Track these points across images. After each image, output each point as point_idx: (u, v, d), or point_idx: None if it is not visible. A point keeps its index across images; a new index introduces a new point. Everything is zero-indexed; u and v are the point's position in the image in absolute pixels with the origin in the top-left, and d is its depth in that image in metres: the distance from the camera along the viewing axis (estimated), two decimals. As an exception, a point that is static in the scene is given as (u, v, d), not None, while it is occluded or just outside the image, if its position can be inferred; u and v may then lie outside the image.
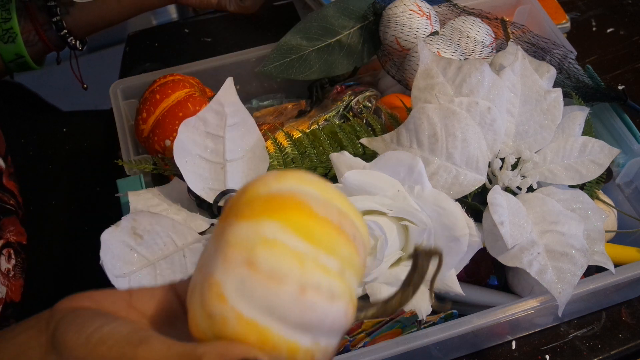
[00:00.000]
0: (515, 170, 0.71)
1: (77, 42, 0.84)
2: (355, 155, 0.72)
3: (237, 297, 0.35)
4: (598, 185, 0.77)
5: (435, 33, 0.83)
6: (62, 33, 0.81)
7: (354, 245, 0.38)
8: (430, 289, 0.42)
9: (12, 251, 0.76)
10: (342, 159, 0.69)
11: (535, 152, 0.73)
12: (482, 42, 0.82)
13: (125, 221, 0.66)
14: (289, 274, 0.35)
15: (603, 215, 0.72)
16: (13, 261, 0.77)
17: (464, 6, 0.88)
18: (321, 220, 0.37)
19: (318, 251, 0.36)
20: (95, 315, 0.37)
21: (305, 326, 0.36)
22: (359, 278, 0.39)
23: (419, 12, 0.83)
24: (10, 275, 0.76)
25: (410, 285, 0.41)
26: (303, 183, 0.38)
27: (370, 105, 0.84)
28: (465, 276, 0.73)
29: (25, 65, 0.82)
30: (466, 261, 0.67)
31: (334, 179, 0.71)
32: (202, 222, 0.70)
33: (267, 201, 0.37)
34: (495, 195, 0.67)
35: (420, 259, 0.40)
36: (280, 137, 0.78)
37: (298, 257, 0.36)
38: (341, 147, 0.76)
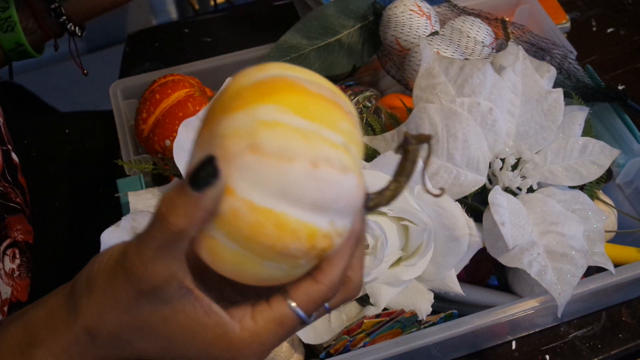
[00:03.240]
0: (515, 171, 0.71)
1: (77, 29, 0.83)
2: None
3: (247, 186, 0.34)
4: (598, 185, 0.77)
5: (435, 33, 0.83)
6: (60, 20, 0.81)
7: (352, 120, 0.37)
8: (422, 176, 0.41)
9: (17, 251, 0.76)
10: (342, 159, 0.69)
11: (536, 153, 0.73)
12: (482, 42, 0.82)
13: (125, 221, 0.66)
14: (298, 151, 0.34)
15: (603, 216, 0.72)
16: (17, 261, 0.76)
17: (464, 6, 0.88)
18: (316, 97, 0.36)
19: (320, 127, 0.35)
20: None
21: (321, 205, 0.35)
22: (362, 154, 0.38)
23: (419, 12, 0.83)
24: (15, 275, 0.76)
25: (403, 173, 0.40)
26: (286, 69, 0.37)
27: (370, 105, 0.84)
28: (465, 276, 0.73)
29: (25, 54, 0.82)
30: (466, 261, 0.67)
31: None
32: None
33: (256, 88, 0.36)
34: (496, 196, 0.67)
35: (411, 145, 0.39)
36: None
37: (303, 134, 0.34)
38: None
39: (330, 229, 0.36)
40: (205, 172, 0.34)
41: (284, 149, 0.34)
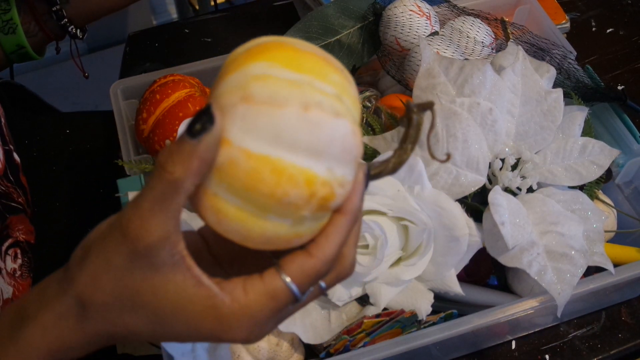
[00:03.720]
0: (515, 171, 0.71)
1: (78, 31, 0.83)
2: (355, 155, 0.72)
3: (241, 134, 0.35)
4: (598, 185, 0.77)
5: (435, 33, 0.83)
6: (62, 22, 0.81)
7: (343, 75, 0.38)
8: (427, 141, 0.41)
9: (18, 251, 0.77)
10: (342, 159, 0.69)
11: (536, 153, 0.73)
12: (482, 42, 0.82)
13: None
14: (289, 96, 0.35)
15: (602, 216, 0.72)
16: (19, 261, 0.77)
17: (464, 7, 0.88)
18: (306, 53, 0.37)
19: (311, 78, 0.36)
20: None
21: (316, 148, 0.35)
22: (357, 108, 0.38)
23: (419, 12, 0.83)
24: (17, 275, 0.76)
25: (407, 140, 0.40)
26: (279, 37, 0.38)
27: (370, 105, 0.84)
28: (465, 276, 0.74)
29: (27, 56, 0.82)
30: (466, 261, 0.68)
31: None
32: (202, 221, 0.70)
33: (248, 51, 0.37)
34: (496, 196, 0.67)
35: (415, 113, 0.40)
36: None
37: (293, 83, 0.35)
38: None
39: (328, 175, 0.36)
40: (201, 121, 0.35)
41: (275, 96, 0.35)
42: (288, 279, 0.38)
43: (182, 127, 0.69)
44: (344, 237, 0.39)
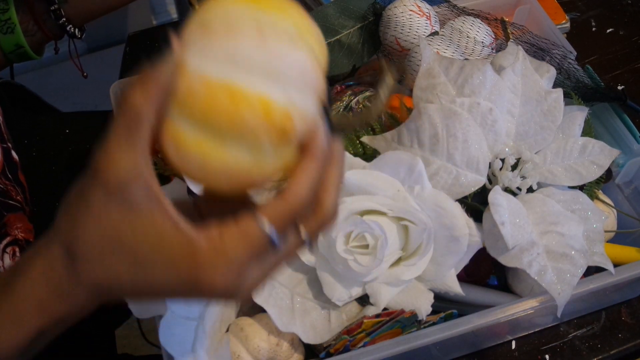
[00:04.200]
0: (515, 171, 0.71)
1: (76, 30, 0.83)
2: (355, 155, 0.72)
3: (199, 61, 0.36)
4: (598, 185, 0.77)
5: (435, 33, 0.83)
6: (60, 22, 0.81)
7: (304, 15, 0.38)
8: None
9: (17, 249, 0.77)
10: (342, 159, 0.69)
11: (536, 153, 0.73)
12: (482, 42, 0.82)
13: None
14: (245, 22, 0.35)
15: (602, 217, 0.72)
16: (18, 259, 0.77)
17: (464, 7, 0.88)
18: None
19: (269, 10, 0.36)
20: None
21: (272, 73, 0.35)
22: (321, 50, 0.39)
23: (419, 12, 0.83)
24: None
25: (376, 102, 0.42)
26: None
27: (370, 105, 0.84)
28: (465, 276, 0.74)
29: (25, 56, 0.82)
30: (466, 261, 0.68)
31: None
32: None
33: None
34: (496, 196, 0.67)
35: (386, 74, 0.41)
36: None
37: (248, 10, 0.36)
38: (341, 148, 0.76)
39: (286, 102, 0.36)
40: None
41: (230, 22, 0.36)
42: (262, 220, 0.38)
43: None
44: (314, 179, 0.39)
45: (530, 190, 0.72)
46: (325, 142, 0.39)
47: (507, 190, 0.71)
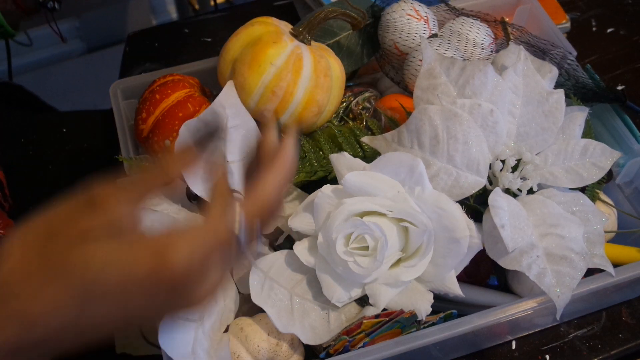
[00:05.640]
0: (515, 172, 0.71)
1: (55, 4, 0.83)
2: (355, 156, 0.72)
3: None
4: (599, 186, 0.77)
5: (433, 36, 0.83)
6: None
7: None
8: None
9: None
10: (342, 160, 0.69)
11: (536, 154, 0.73)
12: (482, 43, 0.82)
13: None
14: None
15: (603, 218, 0.71)
16: None
17: (462, 8, 0.87)
18: None
19: None
20: None
21: None
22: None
23: (417, 16, 0.83)
24: None
25: None
26: None
27: (370, 106, 0.84)
28: (465, 277, 0.73)
29: (4, 34, 0.82)
30: (466, 262, 0.67)
31: (334, 181, 0.71)
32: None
33: None
34: (496, 198, 0.67)
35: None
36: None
37: None
38: (341, 150, 0.76)
39: None
40: None
41: None
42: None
43: (183, 128, 0.69)
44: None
45: (530, 191, 0.72)
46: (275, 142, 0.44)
47: (507, 191, 0.71)
